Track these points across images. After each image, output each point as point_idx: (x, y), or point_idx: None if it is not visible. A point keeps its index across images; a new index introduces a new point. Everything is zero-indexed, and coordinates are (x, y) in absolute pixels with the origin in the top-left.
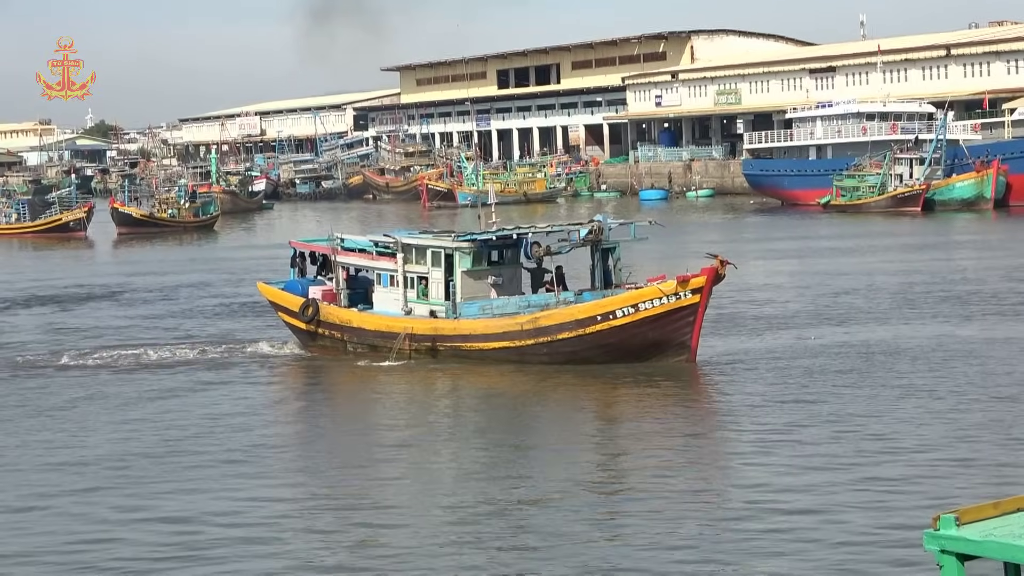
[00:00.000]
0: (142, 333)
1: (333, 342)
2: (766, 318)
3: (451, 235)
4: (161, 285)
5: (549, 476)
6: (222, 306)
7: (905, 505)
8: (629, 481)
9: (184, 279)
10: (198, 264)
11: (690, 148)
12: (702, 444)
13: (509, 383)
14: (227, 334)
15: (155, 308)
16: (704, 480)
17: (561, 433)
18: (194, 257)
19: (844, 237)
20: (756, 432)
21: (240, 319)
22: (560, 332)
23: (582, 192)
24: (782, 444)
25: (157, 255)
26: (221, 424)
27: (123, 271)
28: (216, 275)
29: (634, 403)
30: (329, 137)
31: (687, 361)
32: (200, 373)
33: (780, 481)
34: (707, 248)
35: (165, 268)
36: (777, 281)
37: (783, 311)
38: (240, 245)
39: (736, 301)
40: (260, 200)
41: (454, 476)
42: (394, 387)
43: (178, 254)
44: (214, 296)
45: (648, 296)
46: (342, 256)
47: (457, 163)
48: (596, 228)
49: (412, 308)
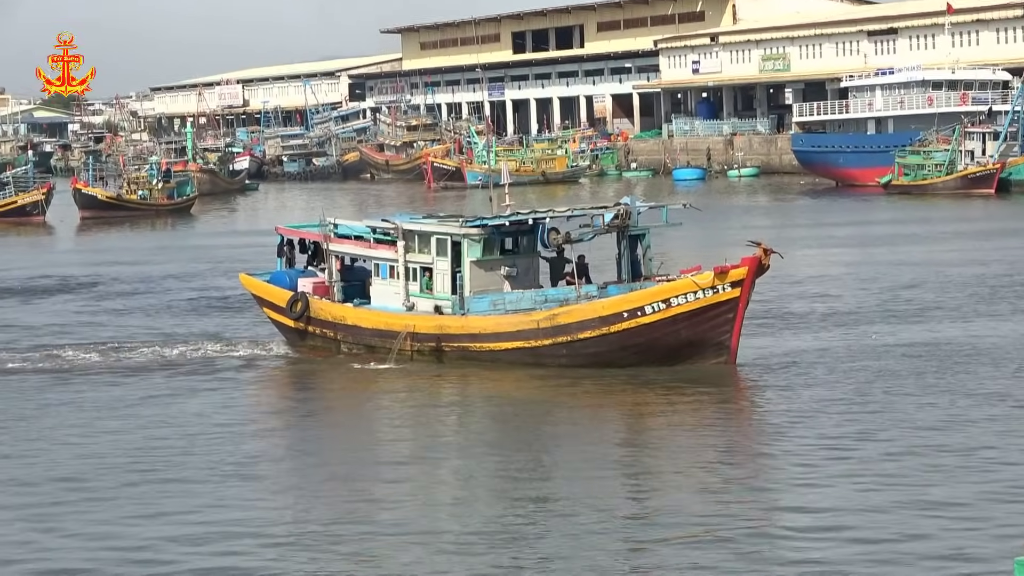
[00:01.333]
0: (108, 332)
1: (325, 342)
2: (818, 315)
3: (459, 220)
4: (130, 277)
5: (569, 498)
6: (199, 301)
7: (985, 530)
8: (660, 503)
9: (156, 270)
10: (172, 253)
11: (732, 121)
12: (744, 461)
13: (523, 389)
14: (205, 333)
15: (123, 303)
16: (748, 504)
17: (582, 448)
18: (168, 245)
19: (907, 222)
20: (807, 447)
21: (220, 315)
22: (581, 331)
23: (608, 171)
24: (837, 461)
25: (125, 242)
26: (198, 437)
27: (87, 260)
28: (193, 265)
29: (665, 413)
30: (321, 108)
31: (726, 364)
32: (173, 378)
33: (834, 504)
34: (749, 235)
35: (135, 257)
36: (831, 272)
37: (837, 306)
38: (220, 231)
39: (783, 295)
40: (243, 180)
41: (461, 498)
42: (393, 394)
43: (149, 241)
44: (190, 289)
45: (682, 290)
46: (335, 244)
47: (466, 138)
48: (623, 212)
49: (414, 303)
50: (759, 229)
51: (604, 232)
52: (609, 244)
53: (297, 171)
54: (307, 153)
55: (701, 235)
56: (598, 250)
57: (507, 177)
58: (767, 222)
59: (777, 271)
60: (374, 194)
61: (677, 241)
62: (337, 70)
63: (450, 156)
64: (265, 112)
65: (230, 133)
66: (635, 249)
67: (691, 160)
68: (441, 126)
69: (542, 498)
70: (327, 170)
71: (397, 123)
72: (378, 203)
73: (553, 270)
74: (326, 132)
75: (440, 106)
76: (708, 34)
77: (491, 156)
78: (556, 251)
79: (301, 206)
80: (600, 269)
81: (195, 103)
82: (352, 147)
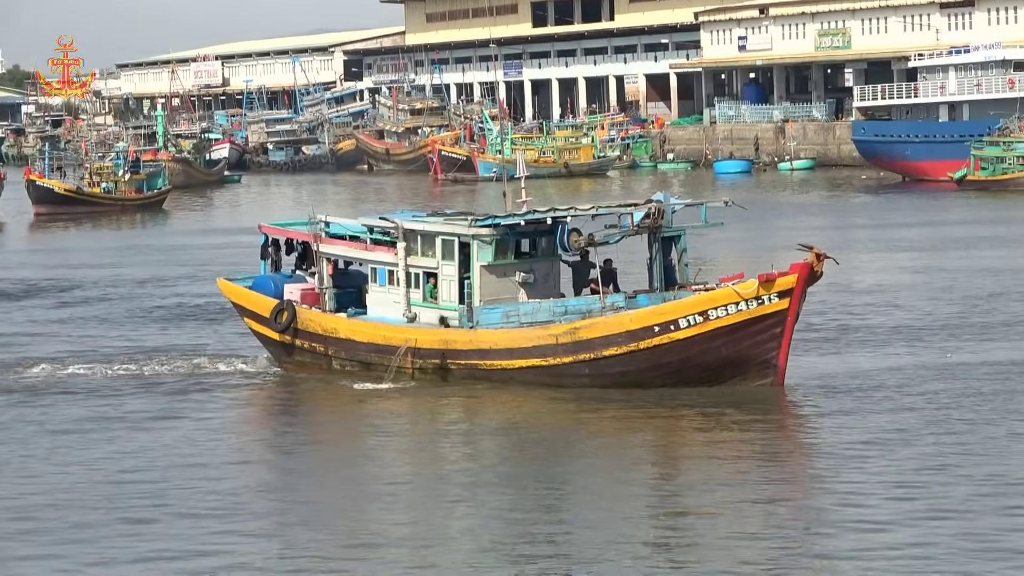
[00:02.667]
0: (65, 345)
1: (314, 357)
2: (882, 329)
3: (468, 218)
4: (92, 282)
5: (593, 543)
6: (172, 310)
7: None
8: (695, 552)
9: (123, 274)
10: (141, 254)
11: (783, 106)
12: (794, 505)
13: (540, 414)
14: (178, 347)
15: (84, 312)
16: (796, 555)
17: (607, 485)
18: (136, 245)
19: (985, 223)
20: (868, 488)
21: (195, 327)
22: (607, 347)
23: (641, 163)
24: (903, 503)
25: (87, 242)
26: (169, 471)
27: (42, 263)
28: (165, 269)
29: (702, 444)
30: (312, 89)
31: (772, 386)
32: (141, 400)
33: (902, 559)
34: (801, 237)
35: (97, 259)
36: (897, 280)
37: (905, 320)
38: (196, 229)
39: (840, 307)
40: (222, 171)
41: (469, 541)
42: (390, 420)
43: (114, 241)
44: (162, 297)
45: (722, 301)
46: (327, 245)
47: (479, 124)
48: (655, 211)
49: (417, 314)
50: (812, 231)
51: (633, 234)
52: (639, 247)
53: (284, 161)
54: (296, 140)
55: (745, 237)
56: (628, 254)
57: (524, 169)
58: (822, 222)
59: (833, 279)
60: (372, 188)
61: (717, 244)
62: (331, 45)
63: (459, 144)
64: (248, 93)
65: (207, 117)
66: (669, 253)
67: (736, 151)
68: (449, 110)
69: (559, 542)
70: (318, 160)
71: (399, 106)
72: (377, 198)
73: (576, 277)
74: (317, 116)
75: (448, 87)
76: (757, 5)
77: (506, 145)
78: (581, 255)
79: (288, 201)
80: (629, 276)
81: (167, 82)
82: (347, 134)
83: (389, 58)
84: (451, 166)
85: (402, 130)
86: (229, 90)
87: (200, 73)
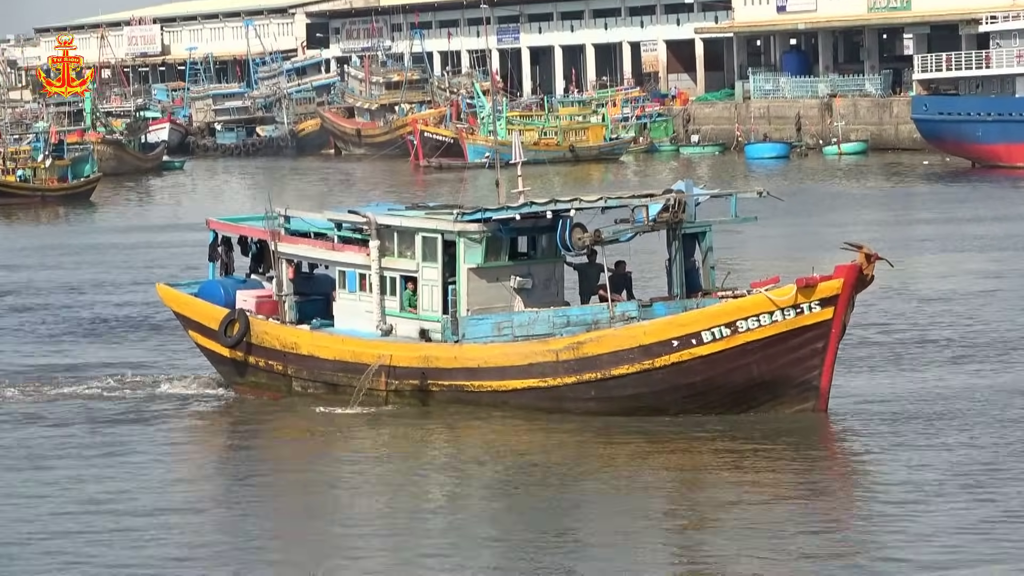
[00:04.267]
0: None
1: (271, 378)
2: (947, 344)
3: (454, 212)
4: (6, 289)
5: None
6: (101, 322)
7: None
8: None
9: (42, 279)
10: (65, 255)
11: (830, 78)
12: (843, 559)
13: (538, 446)
14: (107, 365)
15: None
16: None
17: (617, 535)
18: (59, 244)
19: None
20: (931, 536)
21: (130, 342)
22: (616, 365)
23: (661, 146)
24: (975, 550)
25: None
26: (96, 517)
27: None
28: (94, 273)
29: (730, 483)
30: (269, 59)
31: (814, 411)
32: (61, 428)
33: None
34: (848, 235)
35: (12, 260)
36: (964, 286)
37: (975, 334)
38: (130, 226)
39: (895, 318)
40: (160, 155)
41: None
42: (361, 454)
43: (33, 238)
44: (89, 306)
45: (753, 310)
46: (287, 244)
47: (467, 100)
48: (676, 203)
49: (392, 326)
50: (863, 227)
51: (649, 230)
52: (657, 247)
53: (235, 144)
54: (249, 120)
55: (782, 235)
56: (644, 254)
57: (521, 154)
58: (875, 217)
59: (887, 284)
60: (341, 176)
61: (750, 243)
62: (291, 6)
63: (445, 124)
64: (192, 63)
65: (143, 92)
66: (691, 253)
67: (772, 132)
68: (433, 83)
69: None
70: (276, 143)
71: (372, 79)
72: (346, 188)
73: (582, 282)
74: (275, 91)
75: (431, 56)
76: None
77: (500, 125)
78: (586, 256)
79: (241, 192)
80: (644, 280)
81: (96, 50)
82: (311, 112)
83: (360, 21)
84: (434, 150)
85: (376, 107)
86: (169, 59)
87: (135, 39)
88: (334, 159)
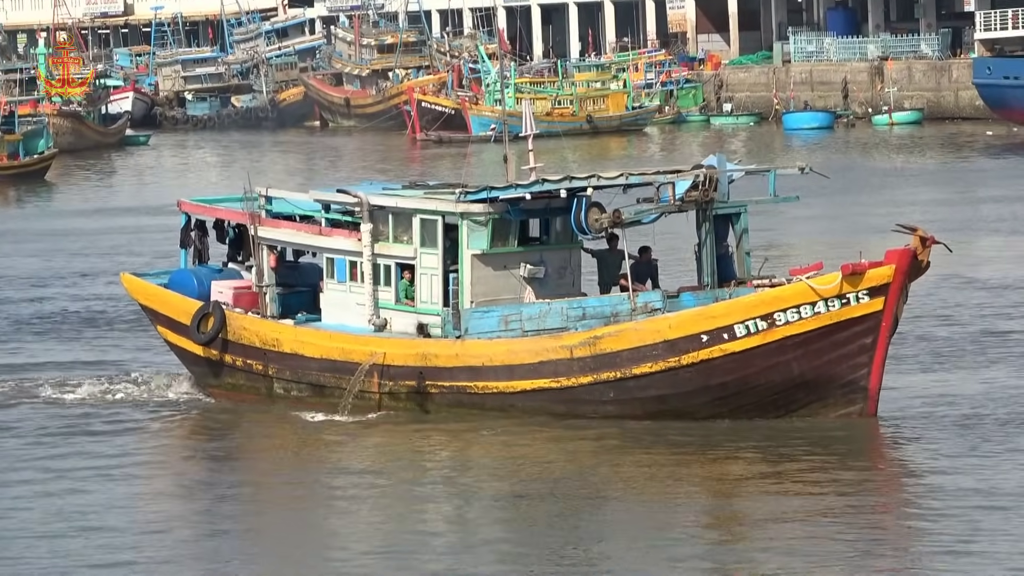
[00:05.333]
0: None
1: (250, 379)
2: (1013, 338)
3: (456, 191)
4: None
5: None
6: (59, 316)
7: None
8: None
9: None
10: (17, 241)
11: (881, 38)
12: None
13: (549, 456)
14: (65, 365)
15: None
16: None
17: (640, 555)
18: (11, 229)
19: None
20: (1003, 558)
21: (90, 338)
22: (638, 363)
23: (689, 115)
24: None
25: None
26: (50, 541)
27: None
28: (50, 261)
29: (767, 497)
30: (246, 19)
31: (861, 415)
32: (14, 439)
33: None
34: (901, 216)
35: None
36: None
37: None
38: (91, 208)
39: (955, 309)
40: (123, 128)
41: None
42: (350, 465)
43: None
44: (45, 299)
45: (793, 300)
46: (268, 228)
47: (470, 64)
48: (706, 179)
49: (387, 320)
50: (918, 207)
51: (675, 210)
52: (685, 229)
53: (208, 115)
54: (223, 88)
55: (827, 216)
56: (671, 238)
57: (532, 125)
58: (932, 195)
59: (946, 271)
60: (327, 151)
61: (790, 225)
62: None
63: (445, 93)
64: (158, 24)
65: (104, 56)
66: (724, 237)
67: (816, 99)
68: (431, 46)
69: None
70: (255, 114)
71: (363, 41)
72: (333, 164)
73: (603, 270)
74: (252, 56)
75: (429, 14)
76: None
77: (508, 93)
78: (607, 241)
79: (215, 170)
80: (670, 267)
81: (50, 10)
82: (293, 79)
83: None
84: (434, 121)
85: (367, 73)
86: (133, 20)
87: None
88: (320, 132)
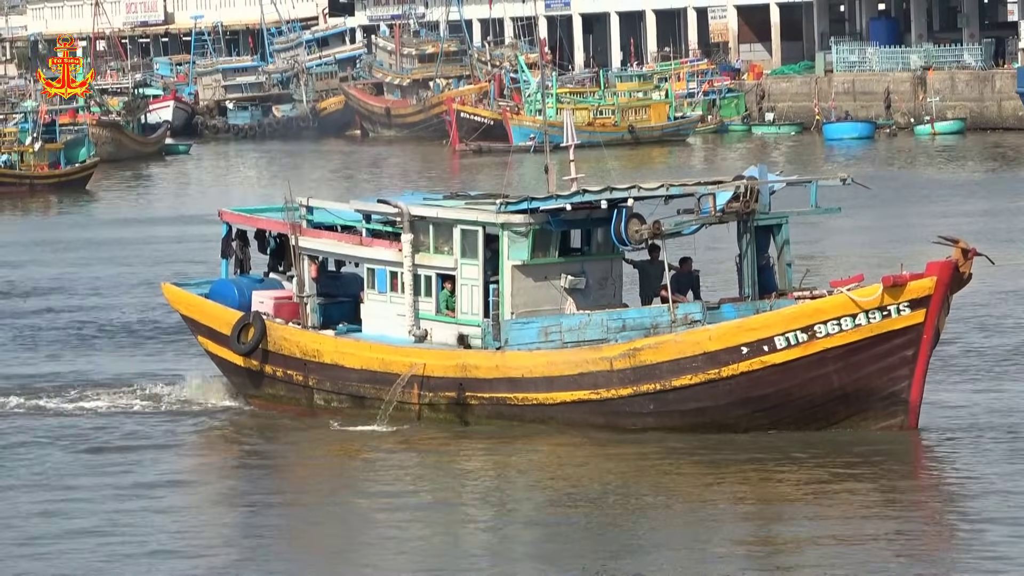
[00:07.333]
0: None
1: (291, 389)
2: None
3: (497, 202)
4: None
5: None
6: (100, 326)
7: None
8: None
9: (32, 276)
10: (57, 251)
11: (924, 48)
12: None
13: (590, 469)
14: (108, 377)
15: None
16: None
17: (680, 570)
18: (50, 238)
19: None
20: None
21: (131, 348)
22: (678, 375)
23: (731, 125)
24: None
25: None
26: (91, 553)
27: None
28: (90, 270)
29: (807, 512)
30: (286, 28)
31: (902, 428)
32: (48, 449)
33: None
34: (943, 228)
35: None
36: None
37: None
38: (131, 218)
39: (998, 320)
40: (163, 138)
41: None
42: (389, 477)
43: (20, 233)
44: (86, 309)
45: (834, 312)
46: (309, 238)
47: (511, 74)
48: (747, 190)
49: (427, 331)
50: (960, 219)
51: (717, 221)
52: (727, 241)
53: (248, 124)
54: (264, 97)
55: (868, 227)
56: (711, 249)
57: (573, 135)
58: (975, 207)
59: (988, 284)
60: (368, 161)
61: (831, 236)
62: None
63: (486, 103)
64: (198, 33)
65: (144, 66)
66: (765, 248)
67: (859, 109)
68: (472, 56)
69: None
70: (295, 123)
71: (404, 51)
72: (374, 175)
73: (644, 282)
74: (293, 65)
75: (470, 24)
76: None
77: (549, 103)
78: (648, 252)
79: (255, 180)
80: (712, 279)
81: (90, 19)
82: (334, 88)
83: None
84: (474, 131)
85: (408, 83)
86: (173, 29)
87: (134, 6)
88: (360, 142)
